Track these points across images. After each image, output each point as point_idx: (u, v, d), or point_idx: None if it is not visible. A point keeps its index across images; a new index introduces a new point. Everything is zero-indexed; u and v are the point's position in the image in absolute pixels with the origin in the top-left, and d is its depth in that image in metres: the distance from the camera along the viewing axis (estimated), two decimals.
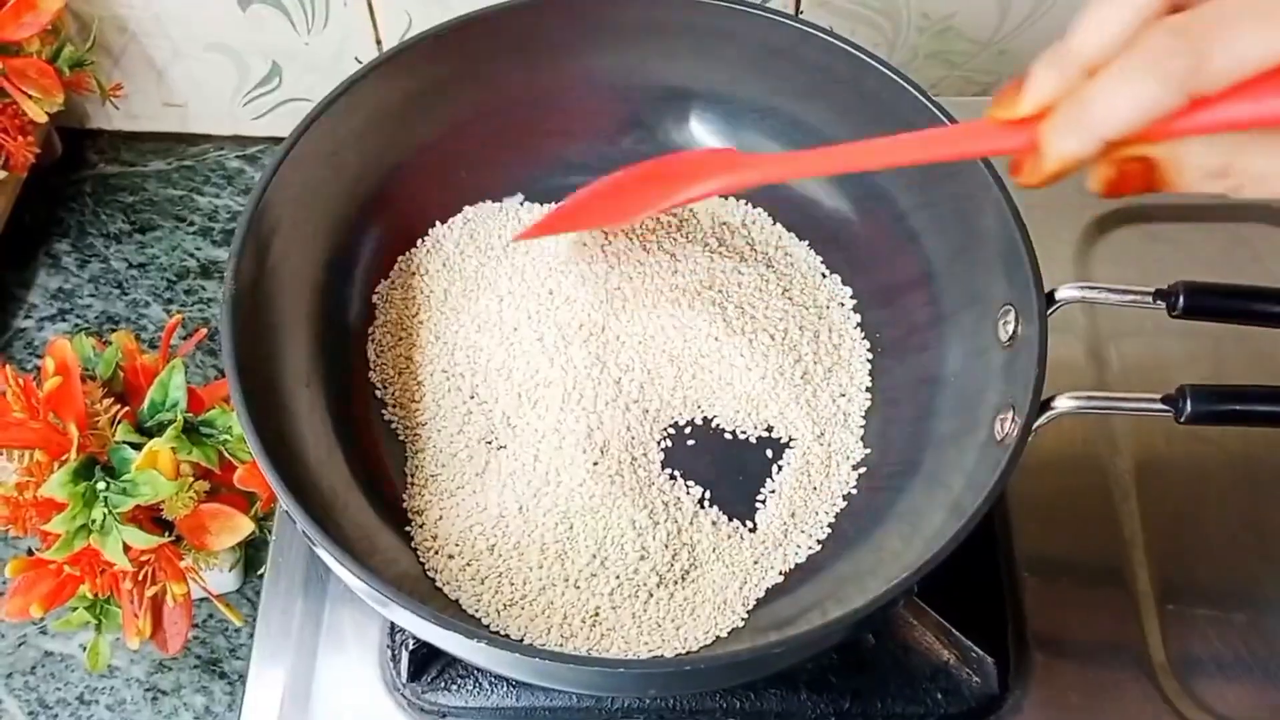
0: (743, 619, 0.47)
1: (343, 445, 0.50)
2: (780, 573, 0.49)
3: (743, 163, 0.46)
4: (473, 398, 0.52)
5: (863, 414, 0.53)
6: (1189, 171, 0.32)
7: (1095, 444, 0.57)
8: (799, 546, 0.49)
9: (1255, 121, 0.30)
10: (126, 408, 0.53)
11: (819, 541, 0.50)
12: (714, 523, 0.49)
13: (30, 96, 0.66)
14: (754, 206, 0.59)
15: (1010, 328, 0.47)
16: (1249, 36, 0.28)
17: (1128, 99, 0.30)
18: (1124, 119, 0.30)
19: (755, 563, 0.49)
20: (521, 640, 0.45)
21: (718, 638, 0.47)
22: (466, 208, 0.58)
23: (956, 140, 0.40)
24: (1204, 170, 0.31)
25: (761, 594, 0.48)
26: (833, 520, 0.50)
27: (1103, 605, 0.53)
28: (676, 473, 0.51)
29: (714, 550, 0.49)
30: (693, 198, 0.47)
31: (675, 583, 0.47)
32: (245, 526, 0.52)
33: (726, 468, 0.52)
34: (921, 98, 0.51)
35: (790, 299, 0.55)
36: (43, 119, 0.67)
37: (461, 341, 0.54)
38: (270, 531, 0.56)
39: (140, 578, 0.51)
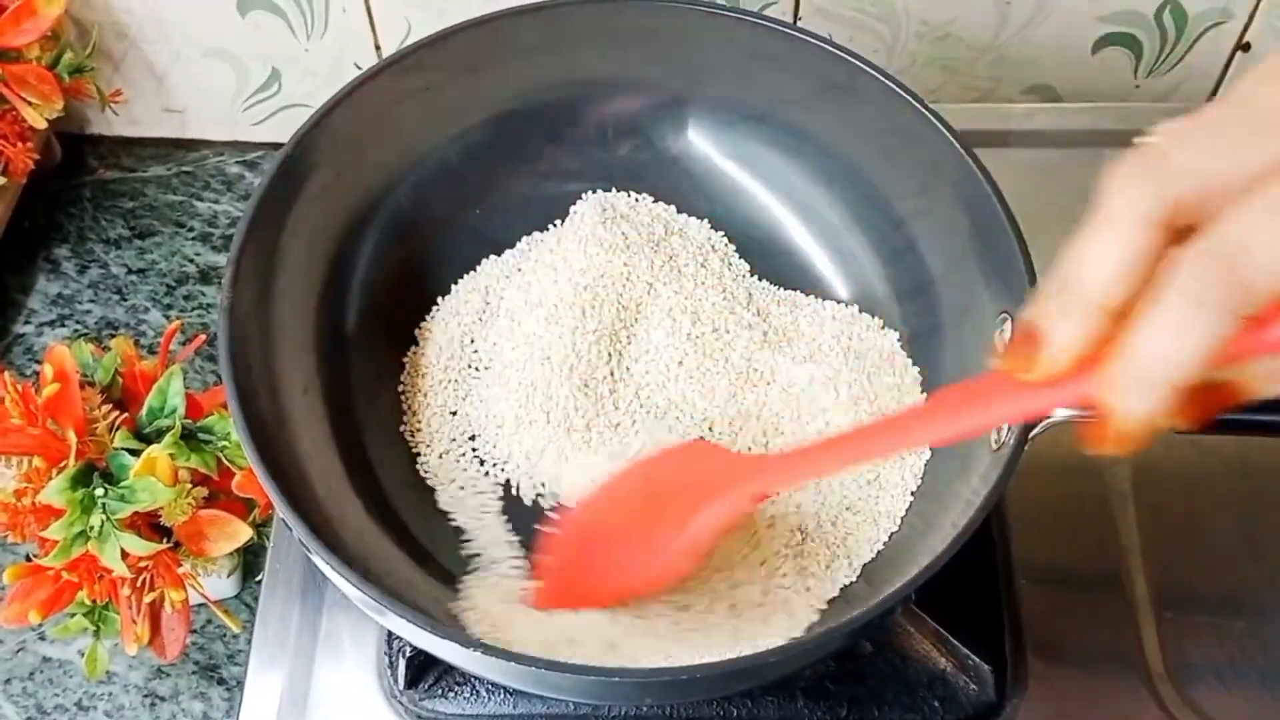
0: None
1: (340, 453, 0.50)
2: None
3: (750, 473, 0.42)
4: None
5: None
6: (1266, 380, 0.31)
7: None
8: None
9: None
10: (125, 414, 0.53)
11: None
12: None
13: (30, 102, 0.66)
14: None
15: (1007, 335, 0.47)
16: (1273, 241, 0.27)
17: (1183, 341, 0.28)
18: (1186, 362, 0.28)
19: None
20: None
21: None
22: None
23: (985, 408, 0.36)
24: (1271, 376, 0.31)
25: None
26: None
27: (1100, 613, 0.53)
28: None
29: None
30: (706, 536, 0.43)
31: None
32: (243, 533, 0.52)
33: None
34: (919, 106, 0.51)
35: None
36: (42, 125, 0.67)
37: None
38: (268, 538, 0.56)
39: (138, 584, 0.51)
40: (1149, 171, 0.29)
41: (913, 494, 0.50)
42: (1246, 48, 0.71)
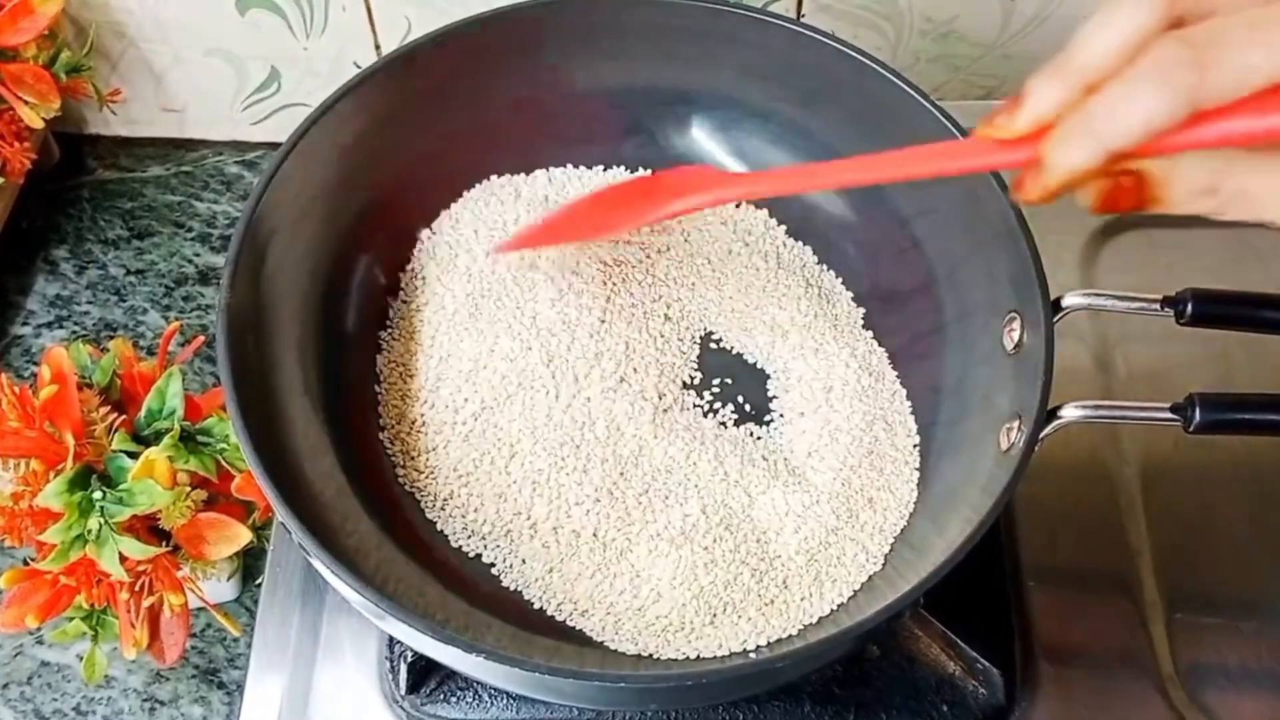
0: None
1: (339, 454, 0.49)
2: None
3: (729, 179, 0.46)
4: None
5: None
6: (1179, 187, 0.32)
7: (1101, 452, 0.57)
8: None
9: (1253, 137, 0.29)
10: (123, 416, 0.53)
11: None
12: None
13: (27, 102, 0.66)
14: (758, 209, 0.58)
15: (1016, 335, 0.47)
16: (1258, 50, 0.28)
17: (1136, 109, 0.29)
18: (1131, 129, 0.30)
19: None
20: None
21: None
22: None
23: (950, 156, 0.38)
24: (1194, 187, 0.31)
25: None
26: None
27: (1110, 615, 0.53)
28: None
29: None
30: (676, 212, 0.46)
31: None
32: (243, 536, 0.52)
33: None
34: (924, 102, 0.51)
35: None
36: (40, 125, 0.66)
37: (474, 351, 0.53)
38: (268, 540, 0.56)
39: (137, 588, 0.50)
40: None
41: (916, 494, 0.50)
42: None
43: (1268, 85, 0.28)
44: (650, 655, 0.46)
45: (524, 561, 0.48)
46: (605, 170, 0.59)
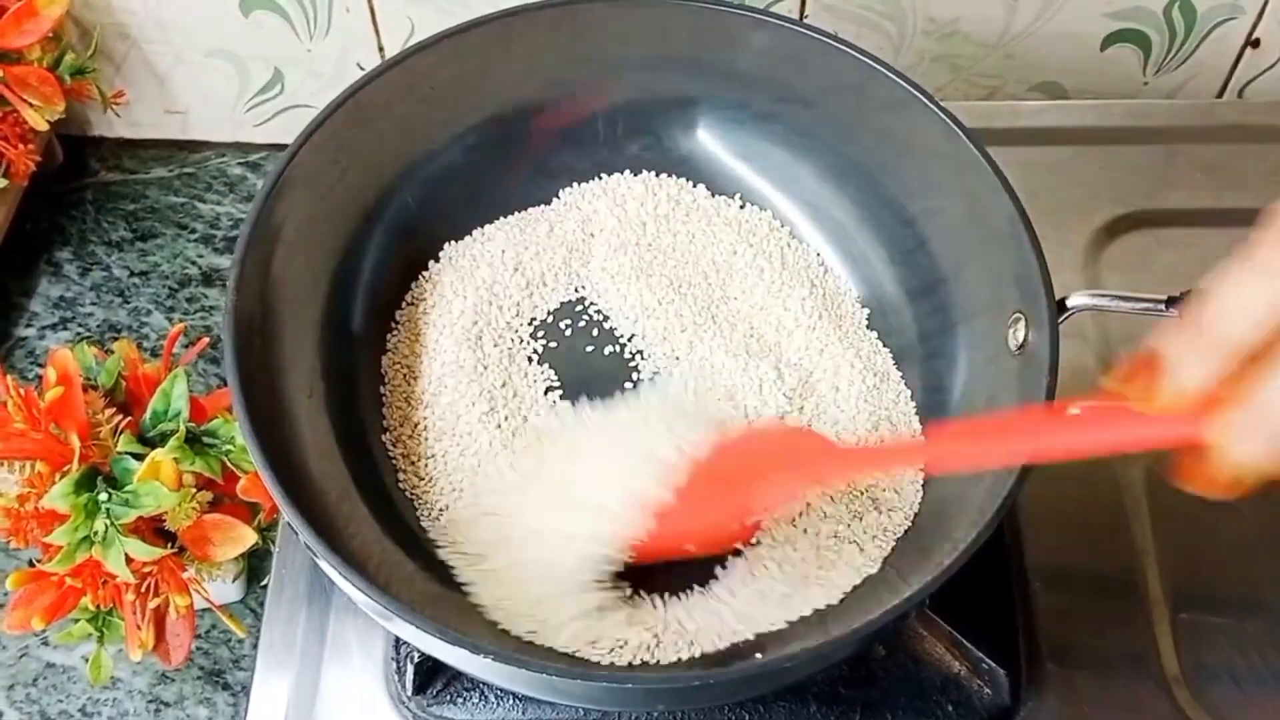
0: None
1: (346, 456, 0.49)
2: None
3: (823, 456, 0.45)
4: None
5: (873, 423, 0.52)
6: None
7: None
8: None
9: None
10: (128, 417, 0.53)
11: None
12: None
13: (31, 104, 0.66)
14: (762, 210, 0.58)
15: (1020, 335, 0.47)
16: None
17: None
18: None
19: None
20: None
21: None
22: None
23: (1091, 430, 0.36)
24: None
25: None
26: None
27: (1115, 615, 0.52)
28: None
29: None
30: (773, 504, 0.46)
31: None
32: (248, 537, 0.52)
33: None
34: (928, 102, 0.51)
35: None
36: (44, 127, 0.66)
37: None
38: (273, 542, 0.56)
39: (143, 589, 0.50)
40: None
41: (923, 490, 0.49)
42: (1256, 44, 0.71)
43: None
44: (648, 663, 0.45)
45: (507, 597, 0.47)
46: (610, 175, 0.59)
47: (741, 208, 0.58)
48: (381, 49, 0.71)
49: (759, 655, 0.45)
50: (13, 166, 0.67)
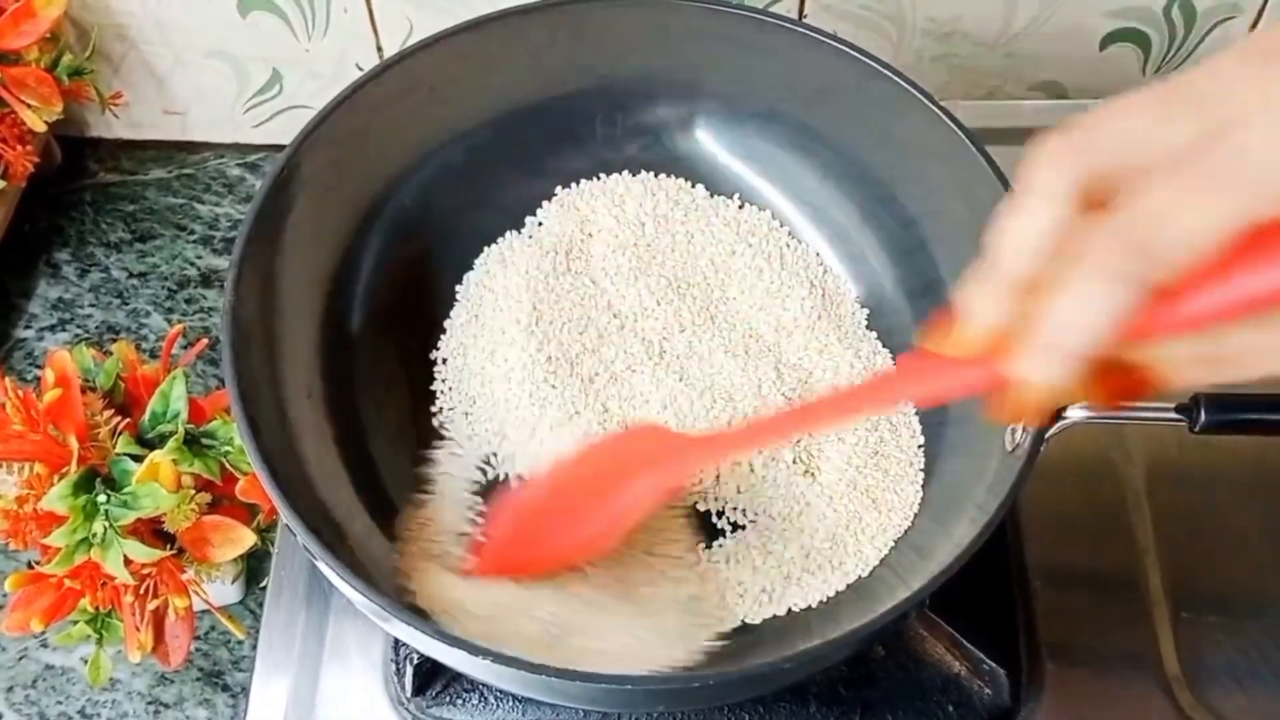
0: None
1: (344, 457, 0.49)
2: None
3: (674, 450, 0.45)
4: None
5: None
6: (1181, 366, 0.30)
7: (1107, 452, 0.57)
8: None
9: (1233, 308, 0.28)
10: (127, 419, 0.53)
11: None
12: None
13: (29, 105, 0.66)
14: (761, 210, 0.58)
15: None
16: (1189, 213, 0.27)
17: (1093, 312, 0.28)
18: (1092, 329, 0.28)
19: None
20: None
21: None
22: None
23: (899, 386, 0.38)
24: (1195, 359, 0.30)
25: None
26: None
27: (1116, 615, 0.53)
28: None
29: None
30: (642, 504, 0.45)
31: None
32: (247, 538, 0.52)
33: None
34: (927, 102, 0.51)
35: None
36: (42, 128, 0.66)
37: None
38: (272, 543, 0.55)
39: (142, 591, 0.50)
40: (1073, 145, 0.29)
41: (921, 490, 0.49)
42: None
43: (1218, 247, 0.27)
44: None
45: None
46: (609, 175, 0.59)
47: (740, 208, 0.58)
48: (380, 49, 0.71)
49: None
50: (11, 168, 0.67)
